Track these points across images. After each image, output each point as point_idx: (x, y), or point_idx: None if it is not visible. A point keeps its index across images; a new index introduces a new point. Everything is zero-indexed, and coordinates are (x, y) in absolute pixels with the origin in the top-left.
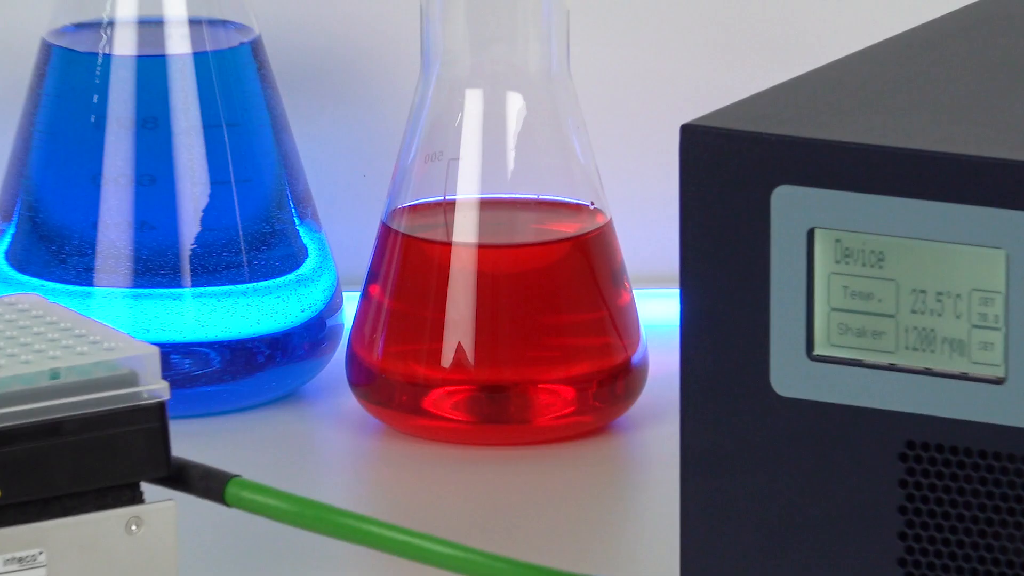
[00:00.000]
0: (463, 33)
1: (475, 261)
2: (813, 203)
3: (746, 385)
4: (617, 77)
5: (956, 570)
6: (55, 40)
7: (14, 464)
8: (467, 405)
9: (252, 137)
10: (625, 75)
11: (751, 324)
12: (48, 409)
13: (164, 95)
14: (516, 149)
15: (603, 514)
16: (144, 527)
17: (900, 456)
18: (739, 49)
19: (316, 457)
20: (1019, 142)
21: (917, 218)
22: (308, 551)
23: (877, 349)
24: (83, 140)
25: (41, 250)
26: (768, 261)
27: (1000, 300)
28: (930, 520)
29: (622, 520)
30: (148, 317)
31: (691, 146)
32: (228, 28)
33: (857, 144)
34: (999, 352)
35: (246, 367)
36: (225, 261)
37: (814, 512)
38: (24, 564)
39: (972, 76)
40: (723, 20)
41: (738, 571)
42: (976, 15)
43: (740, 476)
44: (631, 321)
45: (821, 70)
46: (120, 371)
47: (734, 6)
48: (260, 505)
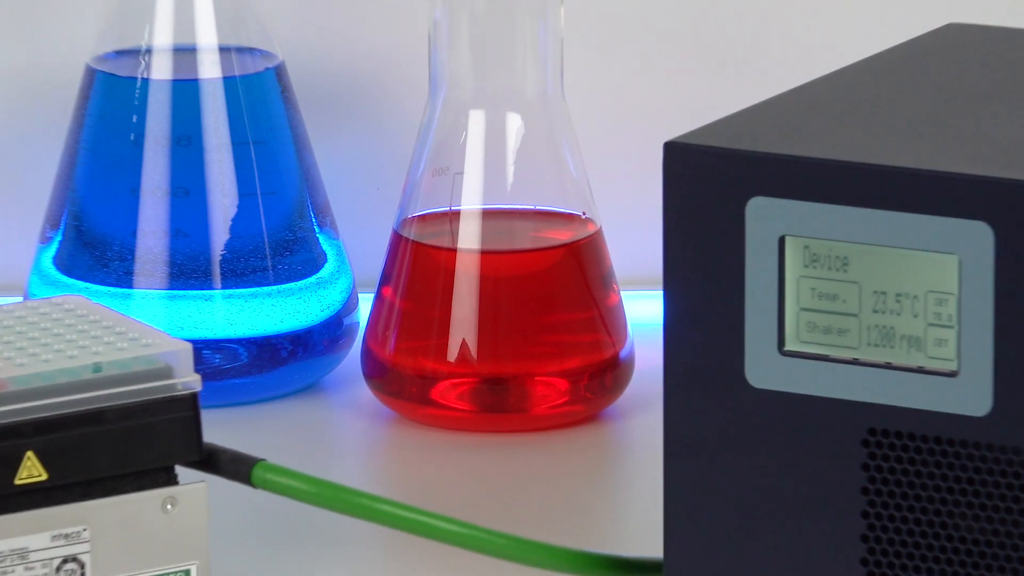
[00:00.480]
0: (467, 60)
1: (478, 265)
2: (784, 213)
3: (723, 378)
4: (606, 99)
5: (914, 545)
6: (98, 65)
7: (60, 449)
8: (470, 396)
9: (276, 153)
10: (614, 97)
11: (728, 322)
12: (91, 399)
13: (197, 115)
14: (515, 164)
15: (593, 494)
16: (178, 506)
17: (863, 442)
18: (717, 74)
19: (334, 443)
20: (970, 158)
21: (878, 227)
22: (327, 528)
23: (842, 345)
24: (123, 156)
25: (85, 255)
26: (743, 265)
27: (953, 301)
28: (890, 500)
29: (611, 500)
30: (182, 316)
31: (673, 161)
32: (255, 55)
33: (824, 160)
34: (952, 348)
35: (271, 361)
36: (252, 265)
37: (785, 493)
38: (70, 540)
39: (928, 98)
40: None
41: (716, 546)
42: (931, 43)
43: (718, 460)
44: (619, 320)
45: (791, 92)
46: (157, 365)
47: (712, 35)
48: (283, 486)
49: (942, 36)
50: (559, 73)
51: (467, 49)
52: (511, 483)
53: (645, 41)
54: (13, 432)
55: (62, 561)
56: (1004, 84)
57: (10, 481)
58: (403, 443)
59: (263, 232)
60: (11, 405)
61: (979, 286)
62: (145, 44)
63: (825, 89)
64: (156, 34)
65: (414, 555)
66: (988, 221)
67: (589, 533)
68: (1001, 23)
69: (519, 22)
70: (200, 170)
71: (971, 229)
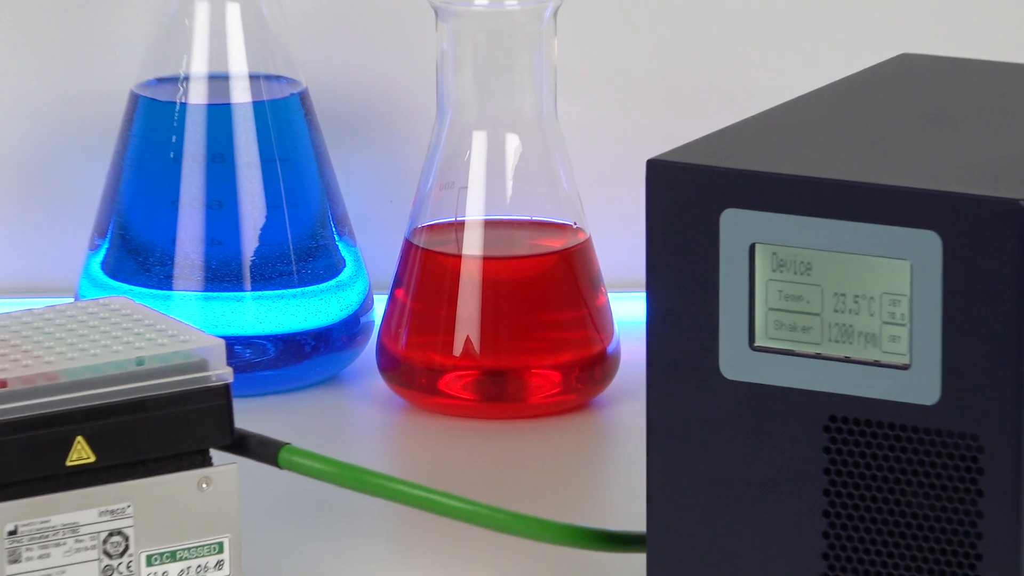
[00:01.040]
0: (471, 86)
1: (480, 270)
2: (754, 223)
3: (700, 370)
4: (595, 121)
5: (870, 520)
6: (141, 91)
7: (107, 434)
8: (474, 386)
9: (300, 170)
10: (601, 119)
11: (704, 320)
12: (134, 390)
13: (229, 136)
14: (513, 179)
15: (583, 475)
16: (212, 485)
17: (824, 428)
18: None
19: (352, 429)
20: (921, 174)
21: (838, 235)
22: (346, 505)
23: (806, 341)
24: (164, 172)
25: (130, 261)
26: (717, 270)
27: (905, 302)
28: (848, 480)
29: (599, 479)
30: (216, 315)
31: (655, 177)
32: (281, 82)
33: (789, 175)
34: (905, 344)
35: (295, 356)
36: (278, 270)
37: (755, 473)
38: (115, 515)
39: (883, 120)
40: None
41: (693, 520)
42: (886, 71)
43: (695, 444)
44: (606, 318)
45: (760, 115)
46: (193, 359)
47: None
48: (307, 467)
49: (896, 65)
50: (553, 98)
51: (471, 77)
52: (510, 465)
53: (629, 70)
54: (65, 419)
55: (108, 534)
56: (952, 108)
57: (62, 463)
58: (413, 429)
59: (288, 240)
60: (63, 395)
61: (929, 289)
62: (183, 72)
63: (790, 112)
64: (193, 63)
65: (423, 529)
66: (937, 230)
67: (580, 509)
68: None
69: (517, 53)
70: (232, 185)
71: (922, 238)
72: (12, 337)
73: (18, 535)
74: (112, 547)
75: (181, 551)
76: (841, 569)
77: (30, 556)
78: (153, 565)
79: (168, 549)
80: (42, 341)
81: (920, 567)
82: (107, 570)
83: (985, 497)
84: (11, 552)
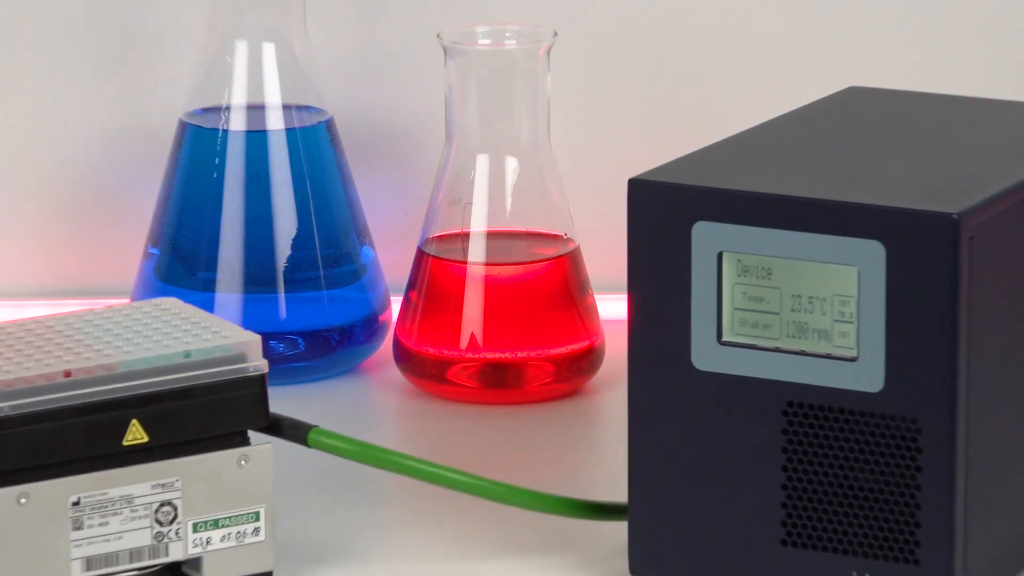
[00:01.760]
0: (475, 115)
1: (483, 275)
2: (722, 234)
3: (674, 362)
4: (583, 145)
5: (822, 492)
6: (188, 119)
7: (158, 418)
8: (478, 376)
9: (326, 188)
10: (588, 143)
11: (678, 319)
12: (182, 379)
13: (265, 158)
14: (512, 196)
15: (573, 453)
16: (250, 462)
17: (783, 412)
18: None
19: (372, 413)
20: (867, 191)
21: (794, 245)
22: (366, 479)
23: (766, 337)
24: (208, 190)
25: (178, 267)
26: (690, 275)
27: (853, 303)
28: (803, 458)
29: (587, 457)
30: (253, 314)
31: (636, 193)
32: (310, 111)
33: (752, 192)
34: (853, 339)
35: (322, 350)
36: (308, 275)
37: (722, 451)
38: (165, 488)
39: (834, 144)
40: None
41: (669, 492)
42: (837, 102)
43: (670, 425)
44: (593, 317)
45: (727, 140)
46: (233, 352)
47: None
48: (332, 447)
49: (845, 96)
50: (546, 125)
51: (474, 107)
52: (509, 444)
53: (612, 101)
54: (121, 404)
55: (159, 505)
56: (894, 134)
57: (119, 443)
58: (425, 413)
59: (316, 249)
60: (119, 383)
61: (874, 291)
62: (225, 103)
63: (753, 137)
64: (234, 95)
65: (434, 500)
66: (881, 240)
67: (570, 483)
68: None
69: (515, 86)
70: (268, 201)
71: (867, 247)
72: (76, 333)
73: (81, 506)
74: (163, 516)
75: (223, 519)
76: (797, 535)
77: (91, 524)
78: (199, 531)
79: (212, 517)
80: (101, 336)
81: (866, 533)
82: (158, 536)
83: (923, 472)
84: (75, 520)
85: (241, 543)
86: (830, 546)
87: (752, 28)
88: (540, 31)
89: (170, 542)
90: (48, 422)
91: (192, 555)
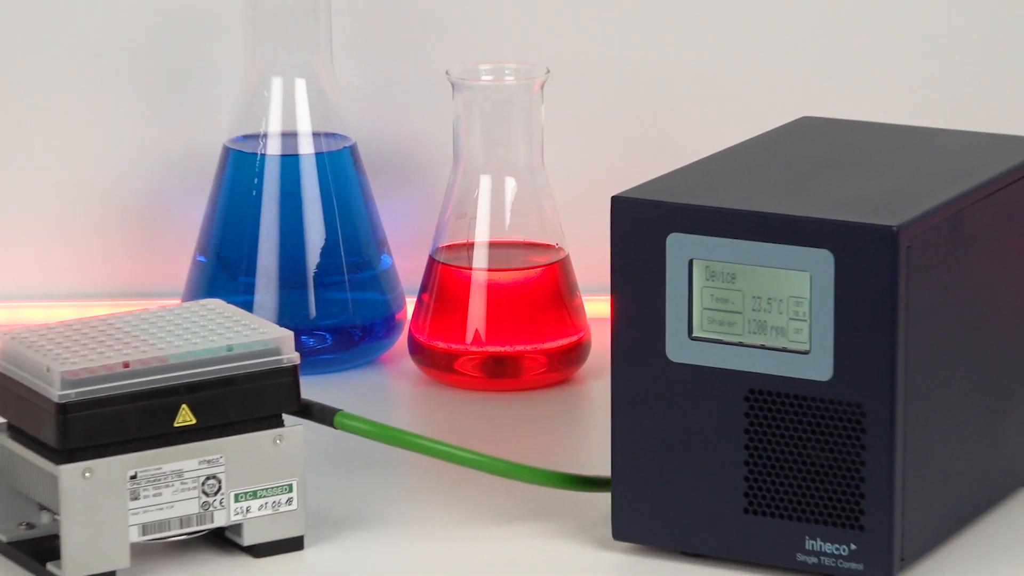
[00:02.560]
0: (479, 141)
1: (485, 279)
2: (692, 244)
3: (651, 355)
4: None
5: (779, 468)
6: (231, 145)
7: (204, 403)
8: (481, 367)
9: (350, 204)
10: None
11: (654, 317)
12: (225, 369)
13: (297, 179)
14: (510, 211)
15: (564, 434)
16: (284, 441)
17: (745, 398)
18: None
19: (389, 399)
20: (818, 207)
21: (755, 253)
22: (384, 456)
23: (731, 333)
24: (248, 206)
25: (222, 272)
26: (665, 279)
27: (806, 303)
28: (763, 438)
29: (576, 437)
30: (287, 313)
31: (618, 209)
32: (336, 138)
33: (719, 208)
34: (806, 335)
35: (346, 344)
36: (334, 280)
37: (693, 431)
38: (211, 464)
39: (788, 167)
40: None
41: (647, 468)
42: (791, 130)
43: (648, 410)
44: (581, 316)
45: (697, 162)
46: (269, 346)
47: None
48: (356, 428)
49: (798, 125)
50: (540, 150)
51: (479, 134)
52: (508, 426)
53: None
54: (172, 391)
55: (206, 478)
56: (841, 157)
57: (170, 424)
58: (435, 398)
59: (341, 257)
60: (171, 373)
61: (824, 293)
62: (263, 131)
63: (719, 160)
64: (270, 124)
65: (443, 474)
66: (830, 249)
67: (562, 459)
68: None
69: (513, 116)
70: (299, 216)
71: (818, 255)
72: (133, 330)
73: (137, 479)
74: (208, 488)
75: (260, 490)
76: (757, 504)
77: (146, 495)
78: (240, 501)
79: (251, 489)
80: (155, 332)
81: (817, 503)
82: (204, 505)
83: (866, 451)
84: (132, 492)
85: (276, 511)
86: (786, 514)
87: (717, 66)
88: (535, 69)
89: (215, 510)
90: (109, 407)
91: (234, 521)
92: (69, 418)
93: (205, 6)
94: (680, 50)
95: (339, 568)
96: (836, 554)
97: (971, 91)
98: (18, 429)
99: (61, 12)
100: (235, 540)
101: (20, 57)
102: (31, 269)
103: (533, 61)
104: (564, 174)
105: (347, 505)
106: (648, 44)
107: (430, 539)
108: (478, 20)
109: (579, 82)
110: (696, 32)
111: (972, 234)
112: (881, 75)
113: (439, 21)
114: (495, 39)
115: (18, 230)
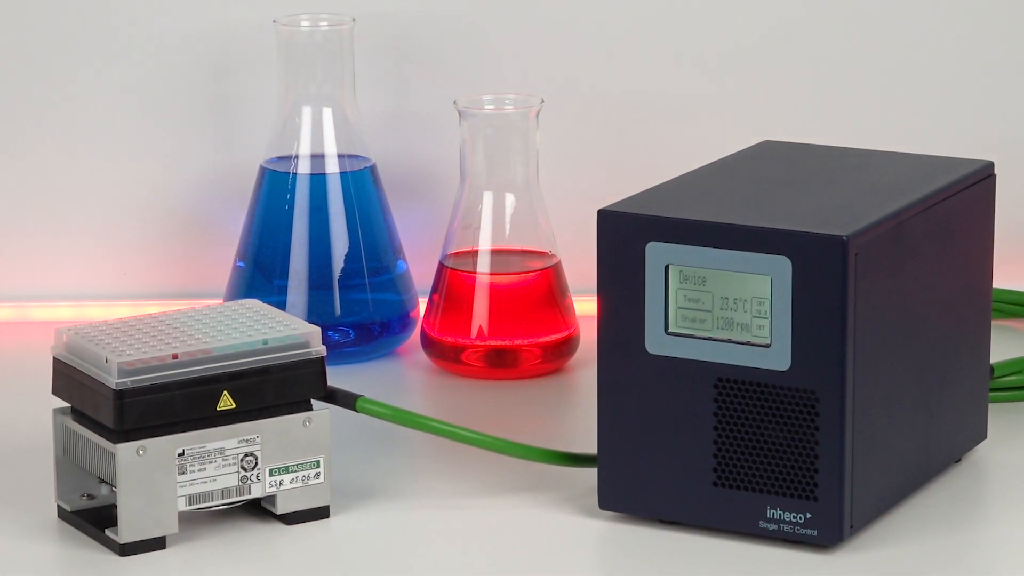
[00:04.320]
0: (482, 161)
1: (488, 282)
2: (668, 252)
3: (632, 348)
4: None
5: (744, 447)
6: (267, 165)
7: (244, 389)
8: (484, 358)
9: (371, 217)
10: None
11: (635, 315)
12: (262, 360)
13: (324, 194)
14: (510, 222)
15: (557, 417)
16: (312, 423)
17: (714, 386)
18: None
19: (404, 386)
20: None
21: (723, 259)
22: (400, 437)
23: (702, 329)
24: (281, 218)
25: (259, 276)
26: (644, 282)
27: (767, 303)
28: (729, 420)
29: (567, 419)
30: (315, 311)
31: (603, 221)
32: (358, 159)
33: (691, 219)
34: (767, 331)
35: (367, 338)
36: (356, 282)
37: (668, 417)
38: (249, 443)
39: (751, 184)
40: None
41: (628, 445)
42: (753, 152)
43: (630, 397)
44: (571, 314)
45: (671, 181)
46: (300, 340)
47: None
48: (375, 412)
49: (760, 148)
50: (536, 169)
51: (482, 155)
52: (508, 410)
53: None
54: (215, 379)
55: (244, 455)
56: (798, 176)
57: (213, 408)
58: (445, 386)
59: (363, 262)
60: (214, 364)
61: (782, 294)
62: (294, 153)
63: (691, 178)
64: (300, 147)
65: (452, 452)
66: (788, 256)
67: (555, 438)
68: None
69: (512, 140)
70: (326, 227)
71: (778, 261)
72: (181, 326)
73: (184, 456)
74: (246, 464)
75: (292, 466)
76: (725, 478)
77: (192, 470)
78: (274, 476)
79: (283, 465)
80: (200, 328)
81: (777, 477)
82: (243, 479)
83: (820, 431)
84: (180, 467)
85: (306, 484)
86: (750, 487)
87: (690, 97)
88: (531, 99)
89: (252, 483)
90: (160, 393)
91: (268, 493)
92: (125, 403)
93: (245, 45)
94: (658, 83)
95: (361, 533)
96: (794, 522)
97: (914, 117)
98: (80, 412)
99: (124, 51)
100: (270, 509)
101: (94, 95)
102: (93, 272)
103: (530, 92)
104: (557, 190)
105: (367, 478)
106: (631, 78)
107: (439, 508)
108: (482, 57)
109: (570, 111)
110: (672, 67)
111: (913, 243)
112: (833, 104)
113: (447, 58)
114: (496, 73)
115: (83, 239)
